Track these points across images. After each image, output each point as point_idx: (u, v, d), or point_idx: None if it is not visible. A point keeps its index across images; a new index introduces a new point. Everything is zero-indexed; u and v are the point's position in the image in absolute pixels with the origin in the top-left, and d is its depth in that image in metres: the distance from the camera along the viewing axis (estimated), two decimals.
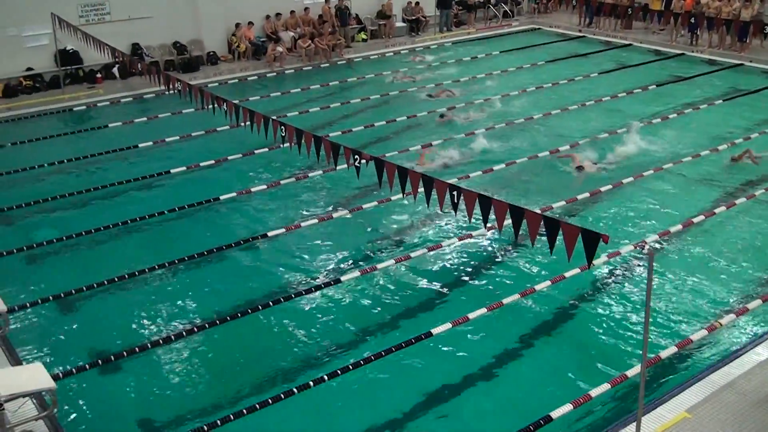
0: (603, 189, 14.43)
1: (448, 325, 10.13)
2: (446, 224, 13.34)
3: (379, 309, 10.96)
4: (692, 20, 24.64)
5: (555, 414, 8.39)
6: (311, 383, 9.00)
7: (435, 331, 9.99)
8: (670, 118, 18.84)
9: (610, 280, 11.64)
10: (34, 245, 12.66)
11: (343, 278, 11.47)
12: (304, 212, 13.88)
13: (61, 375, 9.24)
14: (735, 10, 24.27)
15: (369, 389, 9.26)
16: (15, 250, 12.42)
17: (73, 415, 8.75)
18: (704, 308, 10.82)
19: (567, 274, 11.18)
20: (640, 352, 7.45)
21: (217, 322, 10.42)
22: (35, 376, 7.99)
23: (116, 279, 11.48)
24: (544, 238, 7.85)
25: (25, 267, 12.24)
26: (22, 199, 14.25)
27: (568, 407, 8.51)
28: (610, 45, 26.70)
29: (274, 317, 10.70)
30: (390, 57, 25.47)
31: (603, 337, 10.20)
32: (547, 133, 17.96)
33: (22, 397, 8.06)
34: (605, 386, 8.90)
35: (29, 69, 21.16)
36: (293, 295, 11.06)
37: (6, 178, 15.47)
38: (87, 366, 9.55)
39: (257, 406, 8.62)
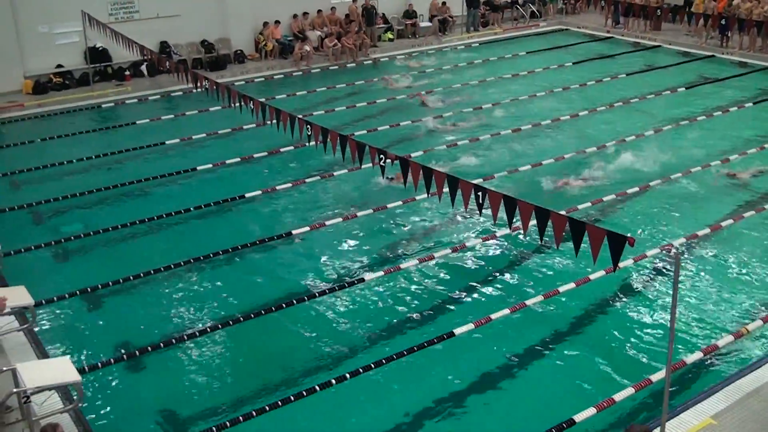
0: (629, 191, 14.30)
1: (470, 326, 10.10)
2: (470, 225, 13.29)
3: (401, 308, 10.95)
4: (723, 22, 24.34)
5: (578, 417, 8.34)
6: (333, 381, 9.03)
7: (457, 331, 9.98)
8: (699, 120, 18.62)
9: (635, 284, 11.53)
10: (62, 240, 12.83)
11: (366, 277, 11.48)
12: (329, 211, 13.90)
13: (86, 369, 9.36)
14: (766, 12, 23.93)
15: (390, 389, 9.25)
16: (43, 245, 12.59)
17: (98, 409, 8.83)
18: (731, 313, 10.68)
19: (592, 277, 11.11)
20: (665, 356, 7.37)
21: (241, 319, 10.48)
22: (61, 369, 8.09)
23: (142, 275, 11.59)
24: (568, 240, 7.80)
25: (52, 261, 12.41)
26: (51, 194, 14.44)
27: (591, 411, 8.45)
28: (638, 46, 26.45)
29: (298, 315, 10.73)
30: (416, 56, 25.42)
31: (628, 341, 10.10)
32: (574, 134, 17.84)
33: (48, 390, 8.17)
34: (629, 390, 8.83)
35: (59, 66, 21.42)
36: (317, 294, 11.09)
37: (35, 174, 15.68)
38: (112, 360, 9.66)
39: (279, 403, 8.67)
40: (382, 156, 10.44)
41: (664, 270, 11.84)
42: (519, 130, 17.97)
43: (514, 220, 8.71)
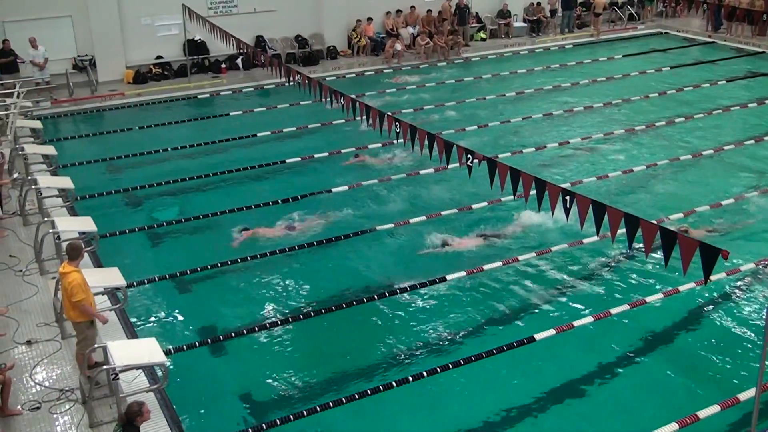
0: (724, 203, 13.78)
1: (552, 332, 9.95)
2: (557, 229, 13.05)
3: (482, 309, 10.88)
4: None
5: None
6: (410, 378, 9.05)
7: (538, 336, 9.84)
8: None
9: (727, 298, 11.12)
10: (155, 225, 13.28)
11: (448, 277, 11.45)
12: (413, 208, 13.91)
13: (172, 351, 9.65)
14: None
15: (468, 389, 9.20)
16: (137, 228, 13.07)
17: (180, 390, 9.07)
18: None
19: (681, 289, 10.78)
20: (756, 375, 7.08)
21: (322, 311, 10.61)
22: (149, 350, 8.36)
23: (229, 262, 11.88)
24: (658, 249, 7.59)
25: (146, 245, 12.86)
26: (147, 180, 15.00)
27: (673, 426, 8.21)
28: (741, 52, 25.44)
29: (380, 310, 10.80)
30: (509, 56, 25.18)
31: (716, 357, 9.76)
32: (668, 140, 17.32)
33: (135, 369, 8.47)
34: (715, 408, 8.53)
35: (159, 57, 22.17)
36: (398, 290, 11.13)
37: (133, 160, 16.29)
38: (197, 344, 9.94)
39: (356, 396, 8.75)
40: (469, 156, 10.38)
41: (758, 285, 11.37)
42: (611, 134, 17.57)
43: (602, 226, 8.52)
